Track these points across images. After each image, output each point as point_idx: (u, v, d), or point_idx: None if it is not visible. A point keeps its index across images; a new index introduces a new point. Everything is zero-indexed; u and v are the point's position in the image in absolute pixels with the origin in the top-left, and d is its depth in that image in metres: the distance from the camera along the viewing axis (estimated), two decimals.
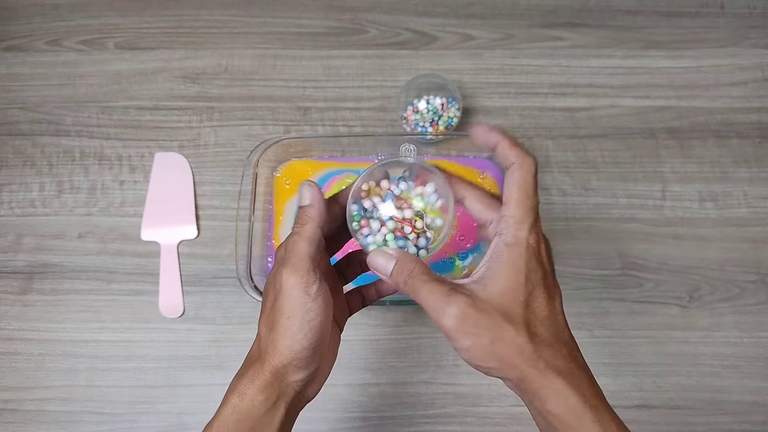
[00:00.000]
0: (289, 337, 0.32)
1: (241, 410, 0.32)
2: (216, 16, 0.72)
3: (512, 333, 0.31)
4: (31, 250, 0.62)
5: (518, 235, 0.32)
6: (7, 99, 0.68)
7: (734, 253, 0.62)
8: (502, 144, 0.34)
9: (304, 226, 0.34)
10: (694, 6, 0.73)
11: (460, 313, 0.31)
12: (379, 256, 0.34)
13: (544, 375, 0.31)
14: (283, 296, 0.33)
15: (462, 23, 0.72)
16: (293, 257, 0.33)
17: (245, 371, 0.33)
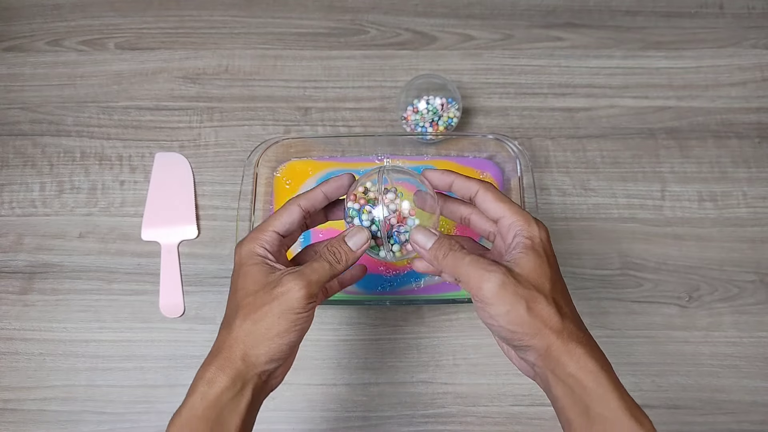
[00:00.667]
0: (274, 338, 0.35)
1: (209, 397, 0.34)
2: (216, 16, 0.72)
3: (544, 303, 0.35)
4: (31, 250, 0.62)
5: (532, 233, 0.37)
6: (7, 99, 0.68)
7: (733, 253, 0.62)
8: (458, 180, 0.41)
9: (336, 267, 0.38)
10: (693, 6, 0.73)
11: (501, 281, 0.35)
12: (420, 233, 0.39)
13: (567, 344, 0.34)
14: (283, 302, 0.35)
15: (462, 24, 0.72)
16: (313, 276, 0.37)
17: (213, 359, 0.35)
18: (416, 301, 0.59)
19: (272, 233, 0.39)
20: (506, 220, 0.38)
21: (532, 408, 0.57)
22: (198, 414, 0.33)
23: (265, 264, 0.38)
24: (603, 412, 0.33)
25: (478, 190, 0.39)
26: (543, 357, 0.35)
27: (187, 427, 0.33)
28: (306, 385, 0.58)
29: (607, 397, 0.33)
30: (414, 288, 0.59)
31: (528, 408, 0.57)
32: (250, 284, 0.37)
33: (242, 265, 0.38)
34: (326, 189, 0.42)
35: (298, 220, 0.41)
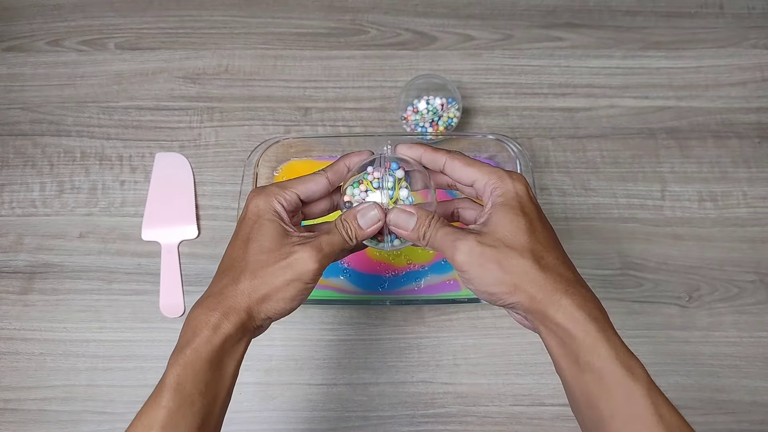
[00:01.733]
0: (279, 301, 0.36)
1: (215, 342, 0.34)
2: (216, 16, 0.72)
3: (517, 258, 0.35)
4: (32, 250, 0.62)
5: (505, 188, 0.37)
6: (8, 99, 0.68)
7: (733, 253, 0.62)
8: (426, 153, 0.40)
9: (349, 240, 0.38)
10: (693, 6, 0.73)
11: (469, 247, 0.35)
12: (401, 213, 0.39)
13: (551, 296, 0.34)
14: (296, 271, 0.36)
15: (462, 24, 0.72)
16: (327, 249, 0.37)
17: (217, 305, 0.35)
18: (416, 301, 0.59)
19: (294, 195, 0.39)
20: (480, 183, 0.38)
21: (532, 408, 0.57)
22: (203, 357, 0.34)
23: (281, 224, 0.38)
24: (592, 361, 0.33)
25: (445, 160, 0.40)
26: (529, 311, 0.35)
27: (191, 367, 0.34)
28: (306, 384, 0.58)
29: (596, 346, 0.33)
30: (414, 288, 0.59)
31: (528, 408, 0.57)
32: (265, 241, 0.37)
33: (259, 217, 0.38)
34: (349, 162, 0.42)
35: (322, 190, 0.41)
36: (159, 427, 0.32)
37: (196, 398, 0.33)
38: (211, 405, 0.34)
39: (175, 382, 0.33)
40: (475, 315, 0.60)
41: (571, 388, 0.34)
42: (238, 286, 0.36)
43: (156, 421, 0.33)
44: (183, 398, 0.33)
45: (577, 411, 0.35)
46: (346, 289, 0.60)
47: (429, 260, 0.60)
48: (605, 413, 0.32)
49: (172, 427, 0.33)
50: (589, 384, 0.33)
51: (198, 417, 0.33)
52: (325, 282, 0.60)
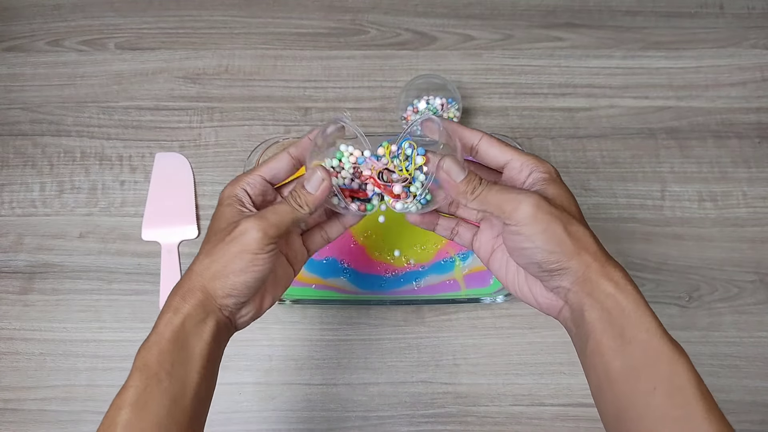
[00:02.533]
0: (229, 275, 0.36)
1: (175, 323, 0.35)
2: (216, 16, 0.72)
3: (579, 226, 0.35)
4: (31, 250, 0.62)
5: (548, 168, 0.38)
6: (8, 99, 0.68)
7: (733, 253, 0.62)
8: (462, 128, 0.40)
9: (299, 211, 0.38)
10: (693, 6, 0.73)
11: (537, 200, 0.35)
12: (454, 163, 0.37)
13: (605, 265, 0.35)
14: (240, 242, 0.36)
15: (462, 24, 0.72)
16: (272, 218, 0.37)
17: (177, 291, 0.37)
18: (416, 301, 0.59)
19: (257, 177, 0.40)
20: (515, 162, 0.38)
21: (531, 408, 0.57)
22: (165, 337, 0.35)
23: (238, 205, 0.39)
24: (638, 334, 0.33)
25: (482, 137, 0.39)
26: (580, 280, 0.35)
27: (156, 348, 0.34)
28: (306, 384, 0.58)
29: (645, 320, 0.33)
30: (414, 288, 0.59)
31: (528, 408, 0.57)
32: (219, 222, 0.38)
33: (219, 206, 0.39)
34: (312, 135, 0.41)
35: (287, 167, 0.41)
36: (129, 406, 0.33)
37: (162, 377, 0.34)
38: (182, 385, 0.35)
39: (141, 363, 0.34)
40: (475, 315, 0.60)
41: (608, 361, 0.34)
42: (194, 268, 0.37)
43: (125, 401, 0.33)
44: (149, 377, 0.34)
45: (608, 388, 0.34)
46: (346, 289, 0.60)
47: (429, 260, 0.60)
48: (646, 384, 0.32)
49: (141, 405, 0.33)
50: (633, 356, 0.33)
51: (167, 396, 0.34)
52: (325, 282, 0.60)
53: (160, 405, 0.33)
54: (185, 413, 0.35)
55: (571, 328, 0.38)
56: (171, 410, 0.34)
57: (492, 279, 0.60)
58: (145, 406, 0.33)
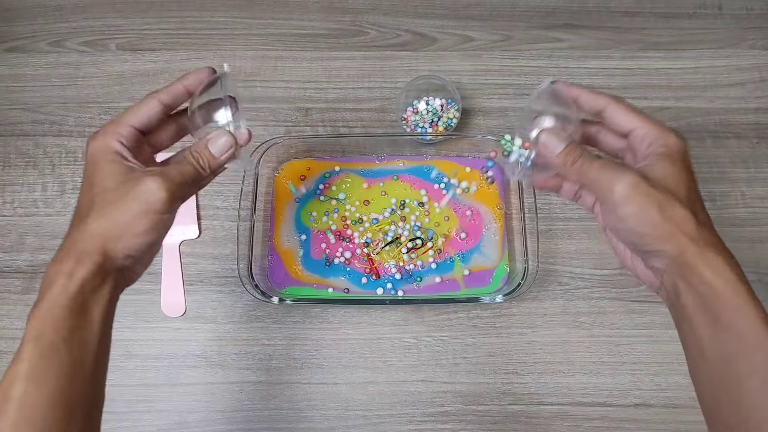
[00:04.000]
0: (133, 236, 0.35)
1: (71, 289, 0.33)
2: (217, 17, 0.73)
3: (679, 207, 0.34)
4: (33, 249, 0.62)
5: (668, 140, 0.36)
6: (9, 100, 0.69)
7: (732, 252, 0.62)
8: (584, 94, 0.40)
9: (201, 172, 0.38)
10: (691, 7, 0.73)
11: (633, 181, 0.34)
12: (550, 136, 0.38)
13: (703, 251, 0.33)
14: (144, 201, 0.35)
15: (461, 25, 0.72)
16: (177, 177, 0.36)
17: (68, 254, 0.34)
18: (416, 300, 0.59)
19: (129, 128, 0.38)
20: (639, 131, 0.37)
21: (531, 407, 0.57)
22: (60, 304, 0.33)
23: (122, 161, 0.36)
24: (736, 322, 0.32)
25: (608, 103, 0.39)
26: (675, 263, 0.34)
27: (50, 316, 0.32)
28: (306, 384, 0.58)
29: (744, 307, 0.32)
30: (414, 288, 0.60)
31: (527, 407, 0.57)
32: (107, 180, 0.36)
33: (98, 161, 0.36)
34: (187, 83, 0.40)
35: (157, 114, 0.39)
36: (23, 379, 0.31)
37: (60, 346, 0.32)
38: (81, 353, 0.33)
39: (34, 334, 0.32)
40: (475, 315, 0.60)
41: (702, 346, 0.34)
42: (86, 228, 0.35)
43: (18, 374, 0.31)
44: (44, 348, 0.32)
45: (704, 367, 0.34)
46: (345, 289, 0.60)
47: (429, 260, 0.60)
48: (743, 372, 0.32)
49: (36, 377, 0.31)
50: (728, 343, 0.33)
51: (65, 366, 0.32)
52: (325, 282, 0.60)
53: (58, 374, 0.32)
54: (86, 380, 0.33)
55: (670, 307, 0.37)
56: (72, 378, 0.32)
57: (491, 279, 0.60)
58: (41, 377, 0.31)
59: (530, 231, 0.58)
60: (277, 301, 0.56)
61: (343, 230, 0.62)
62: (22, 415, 0.30)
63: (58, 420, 0.31)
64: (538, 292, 0.61)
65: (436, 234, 0.61)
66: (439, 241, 0.61)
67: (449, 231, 0.62)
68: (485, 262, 0.61)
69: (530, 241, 0.57)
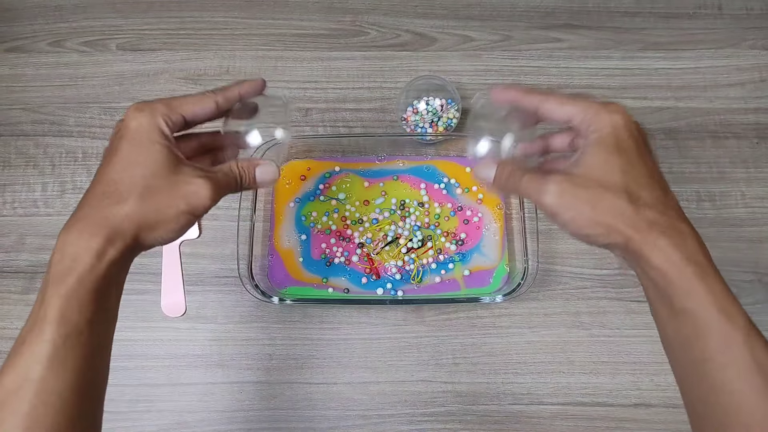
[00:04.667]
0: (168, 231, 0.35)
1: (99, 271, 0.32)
2: (217, 17, 0.73)
3: (611, 198, 0.33)
4: (33, 249, 0.62)
5: (600, 124, 0.35)
6: (9, 100, 0.69)
7: (732, 253, 0.62)
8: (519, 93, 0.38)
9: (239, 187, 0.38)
10: (691, 7, 0.73)
11: (558, 188, 0.34)
12: (483, 169, 0.38)
13: (647, 235, 0.32)
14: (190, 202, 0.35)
15: (461, 25, 0.72)
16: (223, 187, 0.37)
17: (100, 230, 0.33)
18: (416, 300, 0.59)
19: (179, 115, 0.37)
20: (576, 120, 0.36)
21: (531, 407, 0.57)
22: (87, 286, 0.32)
23: (171, 148, 0.36)
24: (687, 305, 0.32)
25: (540, 100, 0.37)
26: (625, 252, 0.34)
27: (75, 298, 0.31)
28: (307, 383, 0.58)
29: (692, 289, 0.31)
30: (414, 288, 0.60)
31: (527, 407, 0.57)
32: (155, 165, 0.35)
33: (142, 138, 0.35)
34: (242, 90, 0.40)
35: (209, 113, 0.39)
36: (44, 361, 0.30)
37: (83, 328, 0.31)
38: (101, 336, 0.33)
39: (59, 314, 0.31)
40: (474, 314, 0.60)
41: (663, 330, 0.34)
42: (123, 210, 0.33)
43: (39, 356, 0.30)
44: (69, 330, 0.31)
45: (670, 350, 0.34)
46: (346, 288, 0.60)
47: (429, 260, 0.60)
48: (699, 356, 0.32)
49: (59, 361, 0.30)
50: (682, 328, 0.32)
51: (87, 349, 0.31)
52: (325, 282, 0.60)
53: (80, 359, 0.31)
54: (104, 363, 0.33)
55: None
56: (91, 363, 0.32)
57: (491, 279, 0.60)
58: (64, 361, 0.30)
59: (530, 231, 0.58)
60: (277, 301, 0.56)
61: (343, 230, 0.62)
62: (40, 399, 0.30)
63: (75, 404, 0.31)
64: (538, 292, 0.61)
65: (435, 234, 0.61)
66: (439, 241, 0.61)
67: (449, 231, 0.62)
68: (485, 262, 0.61)
69: (530, 241, 0.58)
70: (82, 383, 0.31)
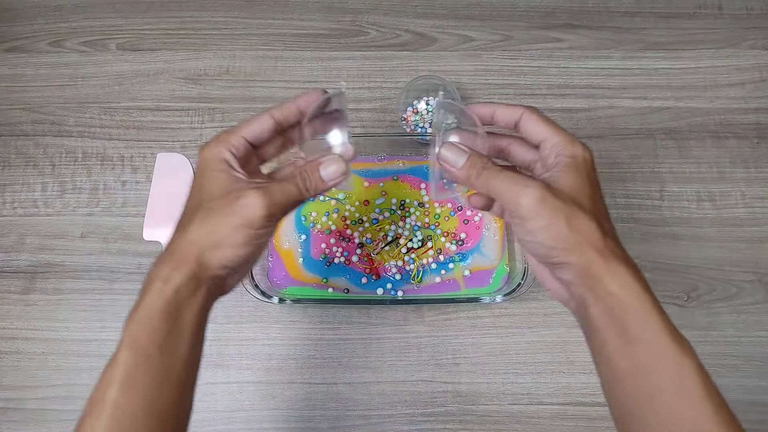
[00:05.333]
0: (228, 248, 0.35)
1: (166, 294, 0.34)
2: (217, 17, 0.73)
3: (585, 218, 0.34)
4: (33, 249, 0.62)
5: (574, 151, 0.36)
6: (9, 100, 0.69)
7: (732, 252, 0.62)
8: (500, 109, 0.40)
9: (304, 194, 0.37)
10: (691, 7, 0.73)
11: (540, 193, 0.33)
12: (450, 150, 0.37)
13: (609, 261, 0.33)
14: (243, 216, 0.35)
15: (461, 25, 0.72)
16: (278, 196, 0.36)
17: (168, 259, 0.35)
18: (416, 300, 0.59)
19: (241, 139, 0.38)
20: (549, 142, 0.37)
21: (531, 407, 0.57)
22: (156, 310, 0.33)
23: (231, 171, 0.37)
24: (642, 333, 0.32)
25: (522, 113, 0.39)
26: (582, 275, 0.33)
27: (147, 321, 0.33)
28: (307, 383, 0.58)
29: (648, 318, 0.32)
30: (414, 288, 0.60)
31: (527, 407, 0.57)
32: (214, 189, 0.36)
33: (207, 169, 0.37)
34: (300, 103, 0.40)
35: (269, 129, 0.39)
36: (118, 383, 0.32)
37: (153, 351, 0.33)
38: (172, 359, 0.33)
39: (131, 338, 0.33)
40: (475, 314, 0.60)
41: (613, 360, 0.33)
42: (186, 235, 0.35)
43: (114, 377, 0.32)
44: (139, 353, 0.32)
45: (616, 384, 0.34)
46: (346, 288, 0.60)
47: (429, 260, 0.60)
48: (653, 385, 0.31)
49: (131, 383, 0.32)
50: (638, 356, 0.32)
51: (158, 371, 0.33)
52: (325, 282, 0.60)
53: (150, 381, 0.32)
54: (175, 386, 0.34)
55: (580, 321, 0.36)
56: (161, 385, 0.33)
57: (491, 279, 0.60)
58: (135, 383, 0.32)
59: None
60: (277, 301, 0.56)
61: (343, 230, 0.62)
62: (114, 419, 0.31)
63: (149, 428, 0.32)
64: (538, 292, 0.61)
65: (435, 234, 0.61)
66: (439, 241, 0.61)
67: (449, 231, 0.62)
68: (485, 262, 0.61)
69: None
70: (156, 406, 0.32)
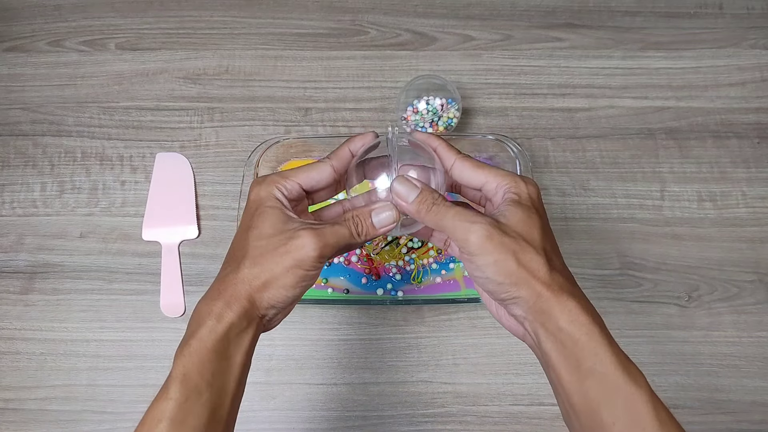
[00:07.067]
0: (279, 288, 0.35)
1: (218, 331, 0.34)
2: (217, 17, 0.72)
3: (533, 254, 0.34)
4: (32, 249, 0.62)
5: (519, 189, 0.37)
6: (8, 99, 0.69)
7: (733, 253, 0.62)
8: (441, 147, 0.40)
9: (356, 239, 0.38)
10: (692, 7, 0.73)
11: (487, 231, 0.34)
12: (402, 184, 0.37)
13: (558, 296, 0.33)
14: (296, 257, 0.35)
15: (461, 24, 0.72)
16: (330, 238, 0.36)
17: (219, 295, 0.35)
18: (416, 301, 0.59)
19: (295, 184, 0.39)
20: (491, 185, 0.37)
21: (531, 407, 0.57)
22: (207, 346, 0.33)
23: (284, 210, 0.37)
24: (595, 366, 0.32)
25: (454, 161, 0.39)
26: (532, 310, 0.34)
27: (197, 357, 0.33)
28: (306, 384, 0.58)
29: (599, 351, 0.32)
30: (414, 288, 0.60)
31: (527, 407, 0.57)
32: (266, 227, 0.36)
33: (260, 206, 0.37)
34: (353, 147, 0.41)
35: (327, 179, 0.40)
36: (168, 420, 0.32)
37: (203, 389, 0.33)
38: (220, 396, 0.34)
39: (182, 373, 0.33)
40: (475, 315, 0.60)
41: (568, 394, 0.33)
42: (238, 274, 0.35)
43: (164, 413, 0.32)
44: (190, 389, 0.32)
45: (574, 417, 0.34)
46: (346, 289, 0.60)
47: (429, 260, 0.60)
48: (607, 419, 0.32)
49: (180, 419, 0.32)
50: (590, 390, 0.32)
51: (207, 408, 0.33)
52: (325, 282, 0.60)
53: (199, 418, 0.33)
54: (221, 423, 0.34)
55: (536, 355, 0.37)
56: (209, 422, 0.33)
57: None
58: (184, 420, 0.32)
59: None
60: None
61: None
62: None
63: None
64: None
65: None
66: None
67: None
68: None
69: None
70: None
